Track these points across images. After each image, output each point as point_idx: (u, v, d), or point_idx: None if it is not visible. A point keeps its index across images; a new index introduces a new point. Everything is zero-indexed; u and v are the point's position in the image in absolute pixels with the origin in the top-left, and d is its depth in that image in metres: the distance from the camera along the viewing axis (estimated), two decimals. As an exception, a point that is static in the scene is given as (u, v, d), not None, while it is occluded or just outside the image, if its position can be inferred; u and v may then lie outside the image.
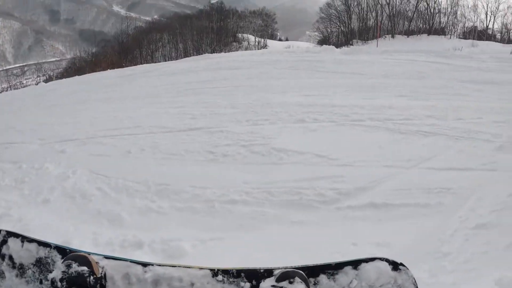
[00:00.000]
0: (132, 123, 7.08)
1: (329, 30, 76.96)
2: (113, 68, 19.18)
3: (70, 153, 5.92)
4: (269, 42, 68.60)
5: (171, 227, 3.95)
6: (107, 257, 1.23)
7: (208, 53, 36.43)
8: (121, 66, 23.51)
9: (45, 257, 1.26)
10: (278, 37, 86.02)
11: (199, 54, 34.47)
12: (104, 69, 21.71)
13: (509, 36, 71.23)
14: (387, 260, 1.20)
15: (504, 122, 7.13)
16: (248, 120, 6.52)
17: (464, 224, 3.83)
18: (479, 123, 6.95)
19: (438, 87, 9.85)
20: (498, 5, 74.28)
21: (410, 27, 70.92)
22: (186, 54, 59.38)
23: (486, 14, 74.74)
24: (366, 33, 68.18)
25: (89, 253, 1.20)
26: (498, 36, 72.20)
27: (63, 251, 1.26)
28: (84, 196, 4.60)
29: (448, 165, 5.11)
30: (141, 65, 18.87)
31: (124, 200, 4.50)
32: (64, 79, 18.95)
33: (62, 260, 1.16)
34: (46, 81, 28.65)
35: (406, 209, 4.06)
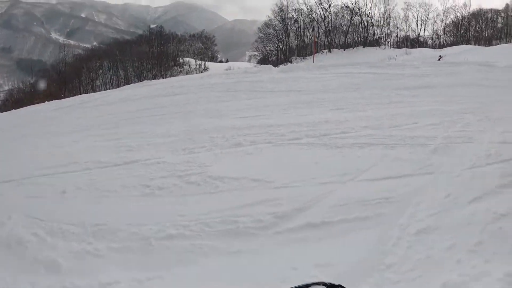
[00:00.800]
0: (69, 159, 6.79)
1: (268, 49, 78.87)
2: (51, 100, 18.54)
3: (6, 196, 5.58)
4: (210, 64, 69.00)
5: (109, 270, 3.76)
6: None
7: (149, 79, 36.18)
8: (60, 97, 22.86)
9: None
10: (219, 59, 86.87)
11: (140, 81, 34.13)
12: (42, 101, 20.96)
13: (439, 41, 75.76)
14: (324, 284, 1.15)
15: (438, 123, 7.42)
16: (184, 148, 6.39)
17: (406, 232, 3.85)
18: (415, 128, 7.18)
19: (374, 97, 10.11)
20: (428, 14, 79.59)
21: (346, 41, 74.22)
22: (127, 81, 58.74)
23: (417, 23, 79.89)
24: (304, 50, 70.48)
25: None
26: (430, 42, 76.89)
27: None
28: (20, 243, 4.31)
29: (385, 174, 5.17)
30: (79, 96, 18.38)
31: (60, 245, 4.24)
32: (1, 113, 18.21)
33: None
34: (-17, 116, 27.40)
35: (345, 225, 4.03)
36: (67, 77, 62.56)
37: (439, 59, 34.76)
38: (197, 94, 11.22)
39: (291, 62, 60.75)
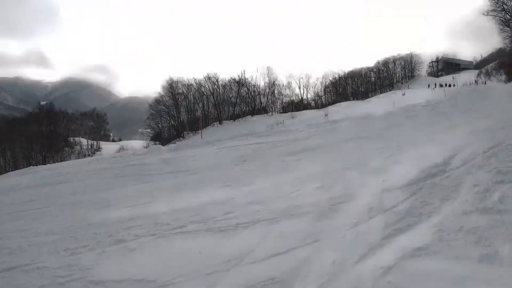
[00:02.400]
0: None
1: (160, 126, 79.26)
2: None
3: None
4: (103, 144, 67.47)
5: None
6: None
7: (38, 160, 34.45)
8: None
9: None
10: (112, 138, 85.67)
11: (29, 163, 32.21)
12: None
13: (322, 102, 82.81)
14: None
15: (321, 187, 7.67)
16: (66, 249, 5.97)
17: (294, 312, 3.69)
18: (298, 196, 7.35)
19: (260, 168, 10.42)
20: (309, 79, 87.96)
21: (235, 111, 77.66)
22: (16, 163, 55.17)
23: (300, 88, 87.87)
24: (196, 124, 72.20)
25: None
26: (313, 103, 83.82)
27: None
28: None
29: (270, 252, 5.14)
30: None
31: None
32: None
33: None
34: None
35: (231, 317, 3.88)
36: None
37: (326, 115, 41.28)
38: (84, 182, 10.77)
39: (183, 137, 61.91)
